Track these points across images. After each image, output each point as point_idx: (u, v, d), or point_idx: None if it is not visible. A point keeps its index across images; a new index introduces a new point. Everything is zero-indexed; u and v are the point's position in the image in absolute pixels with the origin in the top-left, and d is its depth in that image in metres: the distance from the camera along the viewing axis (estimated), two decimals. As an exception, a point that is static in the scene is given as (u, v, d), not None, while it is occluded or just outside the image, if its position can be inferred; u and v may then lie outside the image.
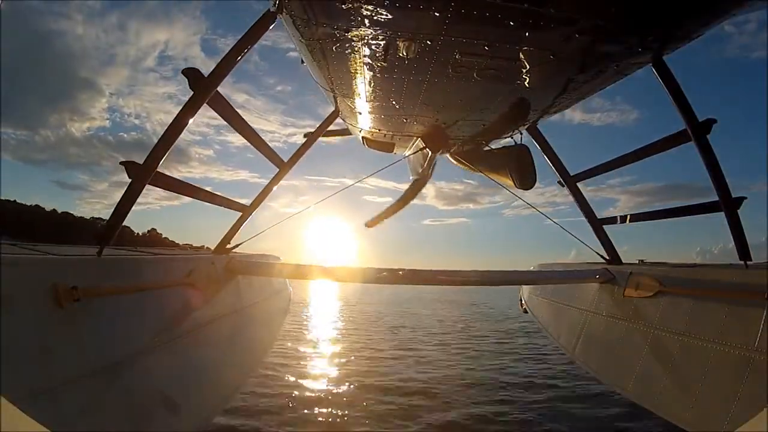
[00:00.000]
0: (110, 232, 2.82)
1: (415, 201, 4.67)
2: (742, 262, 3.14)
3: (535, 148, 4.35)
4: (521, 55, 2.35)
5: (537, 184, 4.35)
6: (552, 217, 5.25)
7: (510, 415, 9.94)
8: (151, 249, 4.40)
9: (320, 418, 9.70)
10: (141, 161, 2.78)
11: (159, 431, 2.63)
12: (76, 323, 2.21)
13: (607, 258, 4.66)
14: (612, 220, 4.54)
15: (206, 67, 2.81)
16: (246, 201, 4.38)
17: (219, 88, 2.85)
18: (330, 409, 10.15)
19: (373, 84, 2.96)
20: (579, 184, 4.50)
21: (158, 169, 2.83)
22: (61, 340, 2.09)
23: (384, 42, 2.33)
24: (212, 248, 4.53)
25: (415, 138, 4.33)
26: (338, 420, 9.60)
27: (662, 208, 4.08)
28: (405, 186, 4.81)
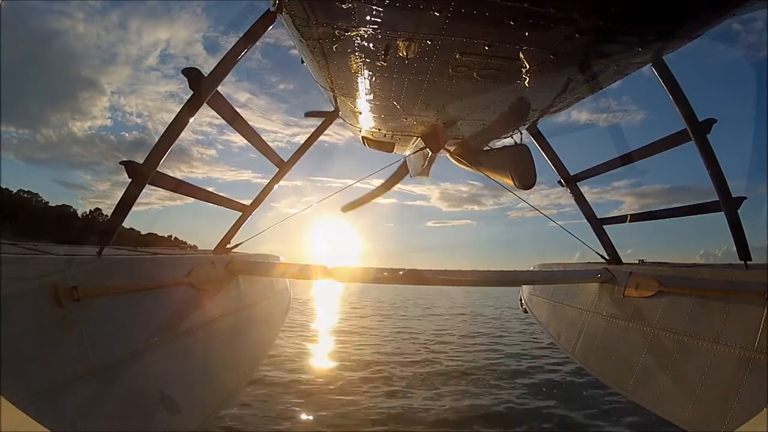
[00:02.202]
0: (110, 232, 2.83)
1: (418, 202, 4.68)
2: (742, 262, 3.14)
3: (535, 148, 4.36)
4: (521, 55, 2.34)
5: (542, 186, 4.34)
6: (557, 218, 5.23)
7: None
8: (151, 249, 4.40)
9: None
10: (142, 161, 2.79)
11: (159, 431, 2.63)
12: (76, 323, 2.21)
13: (607, 258, 4.66)
14: (612, 220, 4.55)
15: (209, 64, 2.81)
16: (247, 201, 4.39)
17: (220, 88, 2.86)
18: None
19: (373, 84, 2.96)
20: (581, 186, 4.50)
21: (158, 169, 2.84)
22: (61, 340, 2.09)
23: (384, 42, 2.33)
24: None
25: (415, 138, 4.33)
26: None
27: (663, 208, 4.08)
28: (407, 185, 4.82)
